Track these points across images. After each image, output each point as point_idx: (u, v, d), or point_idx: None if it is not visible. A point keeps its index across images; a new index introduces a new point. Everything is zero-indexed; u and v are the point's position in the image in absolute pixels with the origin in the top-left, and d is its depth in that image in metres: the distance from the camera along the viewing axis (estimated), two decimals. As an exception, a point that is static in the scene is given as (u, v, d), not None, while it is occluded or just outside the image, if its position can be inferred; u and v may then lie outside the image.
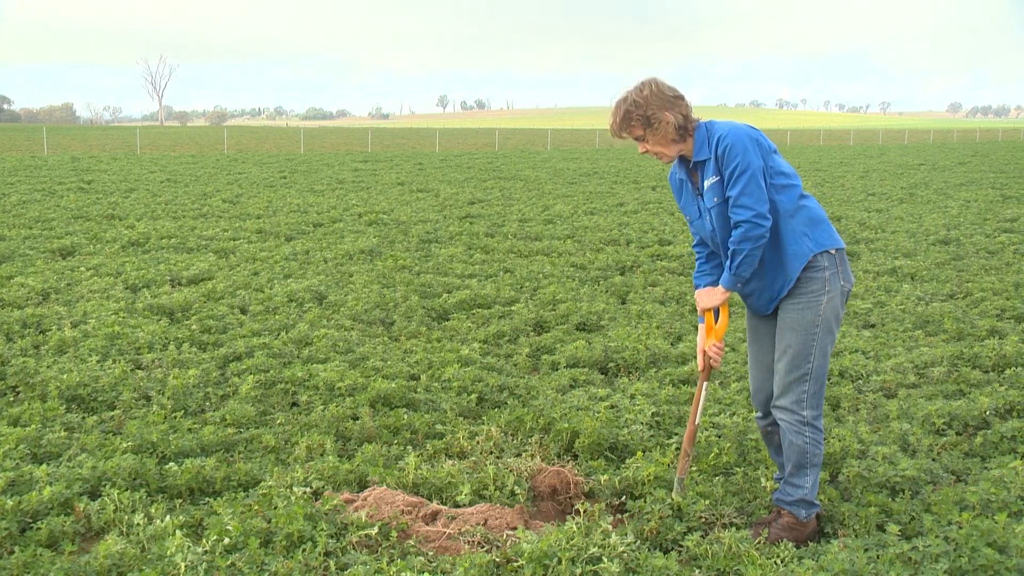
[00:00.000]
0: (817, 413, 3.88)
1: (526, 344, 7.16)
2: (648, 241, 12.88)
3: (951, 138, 79.32)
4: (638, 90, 3.78)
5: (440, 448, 4.87)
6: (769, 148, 3.79)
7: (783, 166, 3.82)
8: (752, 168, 3.65)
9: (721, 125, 3.78)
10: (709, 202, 3.82)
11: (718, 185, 3.76)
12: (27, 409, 5.27)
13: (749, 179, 3.64)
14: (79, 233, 13.17)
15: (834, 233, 3.89)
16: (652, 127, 3.76)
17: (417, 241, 12.85)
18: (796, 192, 3.82)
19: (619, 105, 3.82)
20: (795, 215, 3.78)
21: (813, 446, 3.88)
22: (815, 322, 3.78)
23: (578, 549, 3.47)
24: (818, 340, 3.79)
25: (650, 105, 3.74)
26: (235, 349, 6.71)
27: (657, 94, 3.76)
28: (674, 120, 3.75)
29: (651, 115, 3.74)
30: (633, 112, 3.76)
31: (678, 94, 3.80)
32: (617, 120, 3.82)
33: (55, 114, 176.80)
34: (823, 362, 3.84)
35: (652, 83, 3.79)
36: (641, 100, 3.75)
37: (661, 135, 3.78)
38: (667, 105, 3.76)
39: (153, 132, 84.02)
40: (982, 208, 17.58)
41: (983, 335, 7.37)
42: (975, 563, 3.46)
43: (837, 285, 3.80)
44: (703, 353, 4.09)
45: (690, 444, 4.17)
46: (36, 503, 3.99)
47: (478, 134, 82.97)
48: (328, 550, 3.60)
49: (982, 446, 4.97)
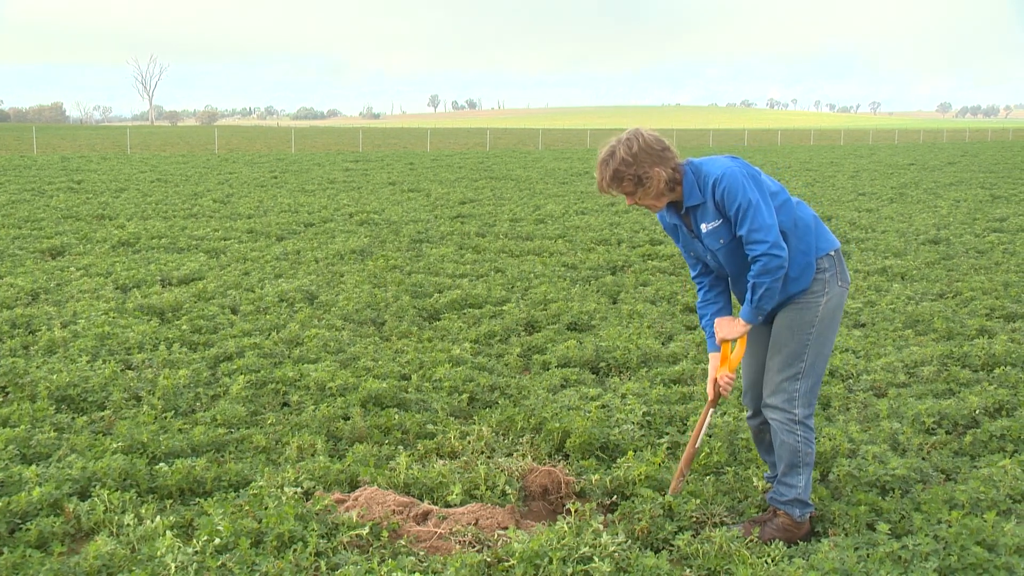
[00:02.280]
0: (809, 412, 3.89)
1: (517, 344, 7.16)
2: (639, 241, 12.89)
3: (941, 138, 79.62)
4: (626, 147, 3.64)
5: (431, 448, 4.87)
6: (756, 173, 3.75)
7: (771, 185, 3.79)
8: (755, 202, 3.60)
9: (710, 167, 3.71)
10: (713, 244, 3.78)
11: (723, 227, 3.71)
12: (16, 409, 5.25)
13: (755, 213, 3.59)
14: (69, 233, 13.12)
15: (829, 234, 3.92)
16: (644, 185, 3.66)
17: (408, 241, 12.84)
18: (790, 207, 3.80)
19: (607, 162, 3.69)
20: (794, 231, 3.77)
21: (805, 445, 3.88)
22: (811, 322, 3.80)
23: (569, 549, 3.47)
24: (812, 340, 3.81)
25: (640, 163, 3.63)
26: (226, 349, 6.69)
27: (646, 149, 3.64)
28: (665, 175, 3.66)
29: (642, 173, 3.64)
30: (624, 172, 3.65)
31: (665, 145, 3.69)
32: (606, 179, 3.70)
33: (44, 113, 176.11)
34: (817, 362, 3.85)
35: (639, 137, 3.66)
36: (631, 158, 3.63)
37: (652, 190, 3.69)
38: (657, 160, 3.66)
39: (143, 132, 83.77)
40: (972, 208, 17.66)
41: (973, 334, 7.40)
42: (964, 561, 3.48)
43: (836, 287, 3.83)
44: (714, 382, 4.03)
45: (687, 466, 4.17)
46: (25, 504, 3.98)
47: (469, 134, 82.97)
48: (319, 550, 3.59)
49: (971, 445, 4.99)
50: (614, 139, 3.72)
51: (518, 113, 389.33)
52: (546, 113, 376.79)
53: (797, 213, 3.81)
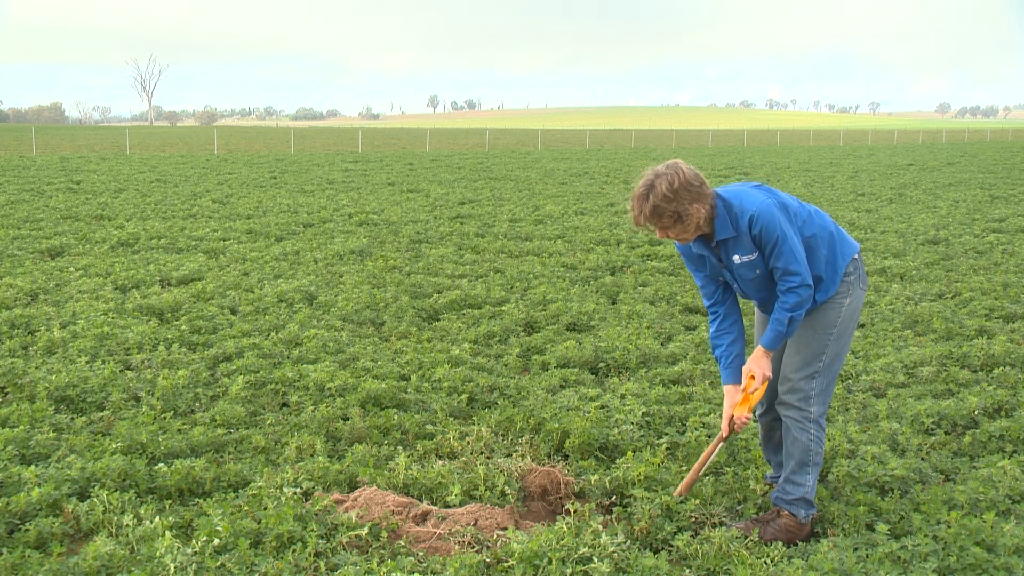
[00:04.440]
0: (823, 411, 3.94)
1: (516, 344, 7.16)
2: (638, 241, 12.89)
3: (940, 138, 79.65)
4: (668, 183, 3.57)
5: (430, 448, 4.87)
6: (784, 202, 3.78)
7: (793, 203, 3.83)
8: (789, 238, 3.66)
9: (744, 201, 3.69)
10: (748, 274, 3.81)
11: (758, 259, 3.74)
12: (16, 410, 5.25)
13: (790, 248, 3.65)
14: (68, 233, 13.12)
15: (849, 238, 3.98)
16: (683, 222, 3.62)
17: (407, 241, 12.84)
18: (815, 220, 3.84)
19: (645, 197, 3.61)
20: (822, 242, 3.83)
21: (816, 444, 3.93)
22: (833, 323, 3.87)
23: (568, 549, 3.47)
24: (832, 340, 3.88)
25: (680, 200, 3.58)
26: (225, 349, 6.69)
27: (686, 186, 3.58)
28: (704, 212, 3.64)
29: (682, 210, 3.59)
30: (664, 208, 3.59)
31: (703, 180, 3.65)
32: (644, 213, 3.62)
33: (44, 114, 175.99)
34: (834, 362, 3.91)
35: (679, 174, 3.60)
36: (671, 194, 3.57)
37: (691, 227, 3.66)
38: (696, 197, 3.61)
39: (143, 132, 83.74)
40: (971, 208, 17.67)
41: (972, 335, 7.40)
42: (963, 562, 3.48)
43: (858, 289, 3.91)
44: (730, 419, 3.96)
45: (686, 491, 4.16)
46: (25, 504, 3.98)
47: (468, 134, 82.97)
48: (318, 551, 3.59)
49: (971, 445, 5.00)
50: (651, 172, 3.65)
51: (517, 113, 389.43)
52: (545, 113, 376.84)
53: (819, 223, 3.86)
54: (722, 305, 4.01)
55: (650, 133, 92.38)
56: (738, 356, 3.99)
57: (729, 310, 4.02)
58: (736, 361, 3.99)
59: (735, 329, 4.01)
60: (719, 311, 4.02)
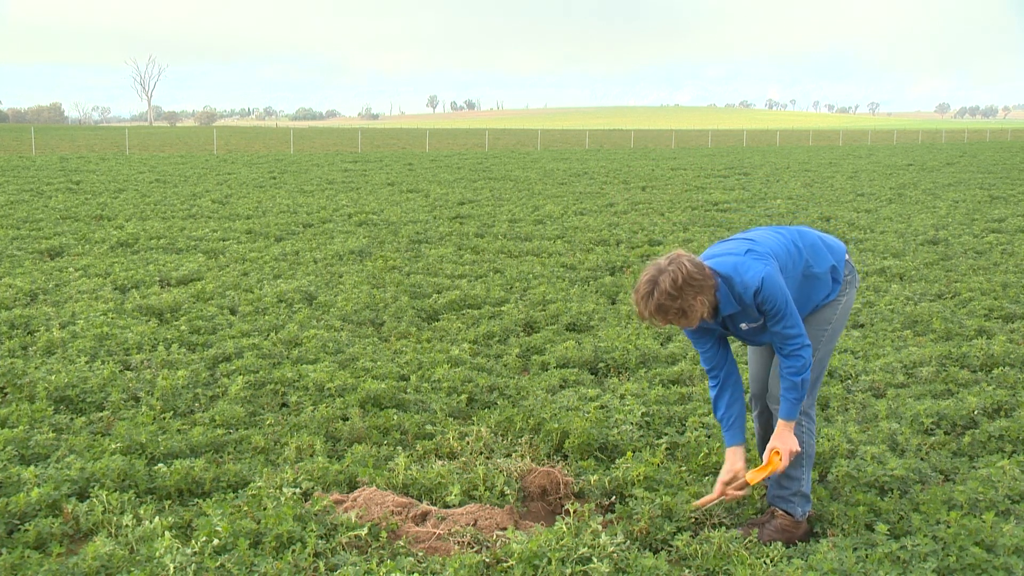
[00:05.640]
0: (811, 402, 4.00)
1: (516, 344, 7.16)
2: (638, 241, 12.89)
3: (939, 139, 79.67)
4: (672, 280, 3.50)
5: (430, 448, 4.87)
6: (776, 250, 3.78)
7: (780, 252, 3.80)
8: (789, 303, 3.67)
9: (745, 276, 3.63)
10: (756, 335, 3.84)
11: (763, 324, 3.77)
12: (15, 410, 5.25)
13: (790, 314, 3.67)
14: (67, 234, 13.12)
15: (834, 242, 4.04)
16: (687, 316, 3.58)
17: (407, 241, 12.84)
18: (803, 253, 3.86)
19: (649, 296, 3.55)
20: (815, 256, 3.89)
21: (808, 435, 3.97)
22: (828, 320, 3.97)
23: (568, 549, 3.47)
24: (826, 337, 3.97)
25: (685, 296, 3.52)
26: (224, 350, 6.69)
27: (689, 281, 3.51)
28: (709, 302, 3.61)
29: (687, 307, 3.55)
30: (669, 306, 3.53)
31: (706, 273, 3.58)
32: (651, 309, 3.56)
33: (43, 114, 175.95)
34: (825, 357, 4.00)
35: (682, 267, 3.53)
36: (675, 292, 3.50)
37: (695, 319, 3.62)
38: (699, 290, 3.55)
39: (142, 132, 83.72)
40: (970, 208, 17.67)
41: (971, 335, 7.40)
42: (963, 562, 3.48)
43: (852, 288, 4.02)
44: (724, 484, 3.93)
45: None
46: (24, 505, 3.98)
47: (468, 134, 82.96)
48: (318, 551, 3.59)
49: (970, 445, 5.00)
50: (654, 268, 3.59)
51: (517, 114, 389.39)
52: (545, 114, 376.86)
53: (807, 246, 3.90)
54: (722, 370, 3.97)
55: (650, 133, 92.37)
56: (739, 417, 3.95)
57: (729, 372, 3.98)
58: (738, 422, 3.95)
59: (735, 390, 3.98)
60: (719, 376, 3.97)
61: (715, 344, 3.96)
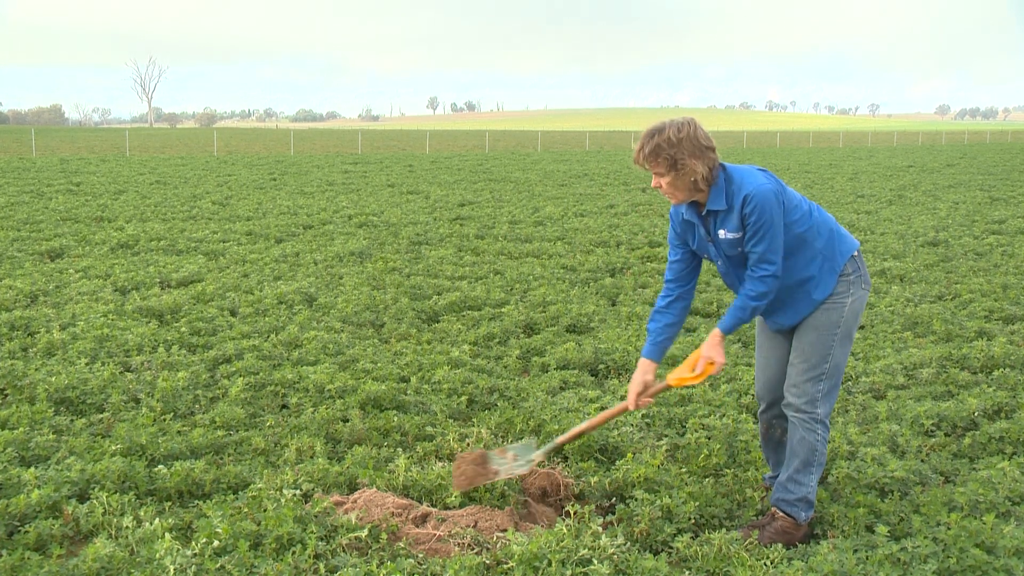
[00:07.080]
0: (828, 410, 3.95)
1: (516, 346, 7.16)
2: (638, 243, 12.90)
3: (940, 140, 79.68)
4: (675, 129, 3.64)
5: (430, 450, 4.87)
6: (783, 190, 3.78)
7: (793, 197, 3.83)
8: (776, 228, 3.68)
9: (743, 178, 3.71)
10: (731, 251, 3.82)
11: (741, 239, 3.76)
12: (15, 412, 5.25)
13: (773, 237, 3.68)
14: (68, 235, 13.12)
15: (848, 236, 3.98)
16: (677, 170, 3.66)
17: (407, 243, 12.84)
18: (812, 215, 3.84)
19: (651, 136, 3.68)
20: (817, 238, 3.84)
21: (822, 444, 3.94)
22: (837, 323, 3.88)
23: (568, 551, 3.47)
24: (837, 341, 3.89)
25: (682, 149, 3.62)
26: (225, 351, 6.69)
27: (692, 139, 3.63)
28: (701, 171, 3.66)
29: (679, 159, 3.63)
30: (664, 150, 3.64)
31: (711, 145, 3.68)
32: (645, 151, 3.68)
33: (43, 116, 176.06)
34: (840, 363, 3.93)
35: (690, 126, 3.66)
36: (675, 141, 3.61)
37: (682, 180, 3.69)
38: (698, 154, 3.64)
39: (142, 134, 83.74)
40: (970, 210, 17.67)
41: (971, 336, 7.40)
42: (963, 564, 3.48)
43: (860, 289, 3.92)
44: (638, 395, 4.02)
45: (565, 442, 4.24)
46: (24, 506, 3.97)
47: (468, 136, 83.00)
48: (318, 552, 3.59)
49: (970, 447, 4.99)
50: (668, 119, 3.72)
51: (517, 115, 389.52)
52: (545, 115, 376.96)
53: (818, 219, 3.87)
54: (680, 287, 4.03)
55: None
56: (668, 340, 4.04)
57: (684, 295, 4.03)
58: (665, 343, 4.04)
59: (681, 316, 4.04)
60: (674, 292, 4.03)
61: (687, 258, 4.01)
